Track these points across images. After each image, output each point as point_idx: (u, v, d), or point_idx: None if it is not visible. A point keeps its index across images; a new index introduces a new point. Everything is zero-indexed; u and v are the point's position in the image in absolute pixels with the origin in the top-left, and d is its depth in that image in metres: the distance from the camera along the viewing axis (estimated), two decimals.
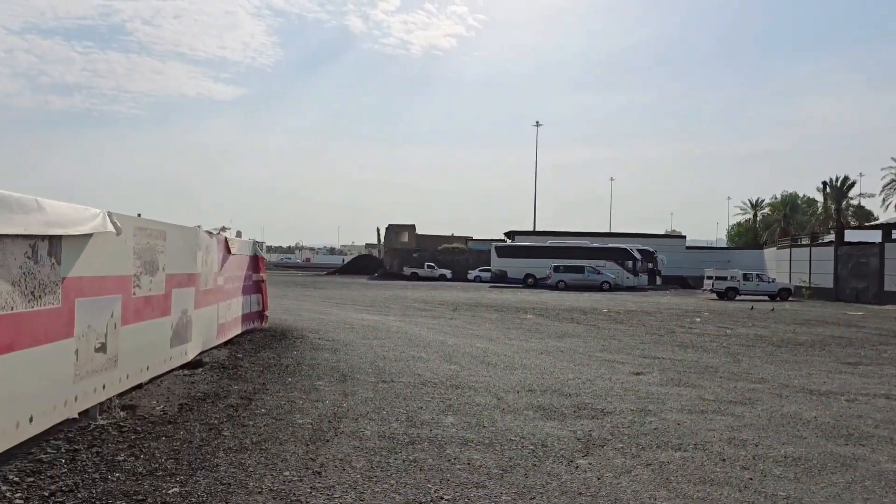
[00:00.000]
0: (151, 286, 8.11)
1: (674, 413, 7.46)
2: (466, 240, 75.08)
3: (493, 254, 55.80)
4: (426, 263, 65.35)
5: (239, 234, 13.24)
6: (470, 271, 62.60)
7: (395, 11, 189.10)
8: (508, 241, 65.80)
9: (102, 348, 6.81)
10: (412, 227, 74.44)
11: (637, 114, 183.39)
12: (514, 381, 9.34)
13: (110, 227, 6.43)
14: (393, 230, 73.88)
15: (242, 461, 5.28)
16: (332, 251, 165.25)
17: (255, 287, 14.95)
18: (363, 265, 76.63)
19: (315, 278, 59.38)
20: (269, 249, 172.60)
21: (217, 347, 11.47)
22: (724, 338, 16.41)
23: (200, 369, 9.38)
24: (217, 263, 11.49)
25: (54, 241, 5.77)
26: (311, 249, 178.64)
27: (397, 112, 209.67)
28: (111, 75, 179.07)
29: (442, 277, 63.28)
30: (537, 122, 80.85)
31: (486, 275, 57.83)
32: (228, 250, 12.47)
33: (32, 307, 5.34)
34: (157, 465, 5.12)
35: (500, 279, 54.07)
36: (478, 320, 19.77)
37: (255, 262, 15.14)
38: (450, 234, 78.59)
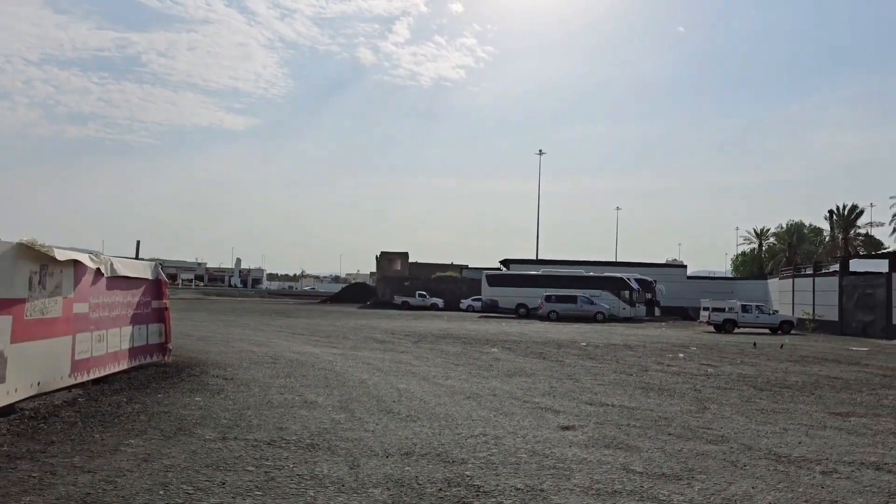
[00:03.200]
0: None
1: (573, 496, 5.40)
2: (461, 268, 73.01)
3: (484, 282, 53.69)
4: (418, 292, 63.37)
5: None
6: (463, 301, 60.53)
7: (404, 44, 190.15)
8: (504, 270, 63.81)
9: None
10: (405, 254, 72.55)
11: (645, 144, 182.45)
12: (398, 438, 7.31)
13: None
14: (385, 258, 72.00)
15: None
16: (336, 279, 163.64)
17: (154, 316, 13.00)
18: (356, 293, 74.70)
19: (302, 307, 57.46)
20: (272, 277, 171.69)
21: (73, 387, 9.52)
22: (701, 378, 14.28)
23: (3, 419, 7.39)
24: (71, 287, 9.57)
25: None
26: (317, 278, 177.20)
27: (406, 142, 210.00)
28: (126, 105, 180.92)
29: (434, 307, 61.23)
30: (540, 151, 79.54)
31: (479, 304, 55.70)
32: (99, 273, 10.58)
33: None
34: None
35: (492, 309, 51.92)
36: (432, 354, 17.72)
37: (157, 287, 13.22)
38: (446, 263, 76.58)
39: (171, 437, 6.90)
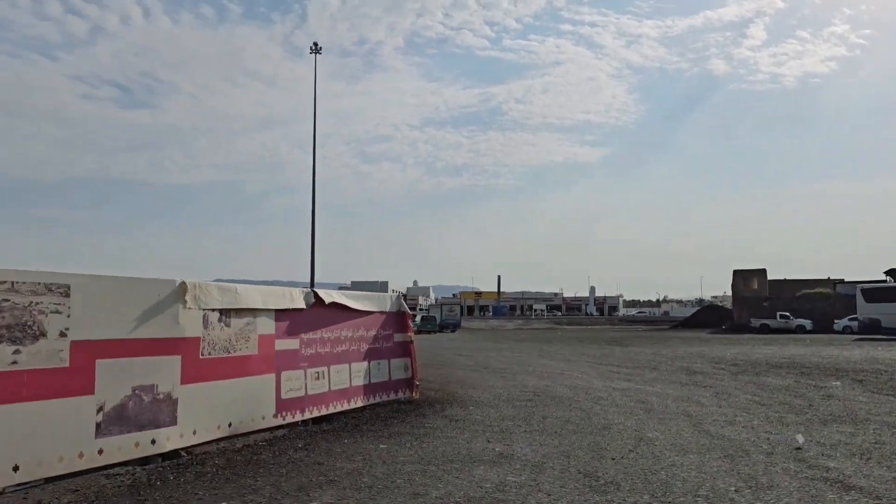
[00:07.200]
0: (27, 358, 6.14)
1: None
2: (835, 283, 62.46)
3: (859, 298, 44.64)
4: (779, 313, 55.61)
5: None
6: (836, 321, 51.30)
7: (761, 46, 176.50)
8: (890, 281, 52.78)
9: None
10: (762, 271, 64.59)
11: None
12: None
13: None
14: (739, 276, 64.91)
15: None
16: (700, 303, 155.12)
17: (397, 350, 12.45)
18: (709, 317, 68.84)
19: (645, 334, 54.44)
20: (631, 304, 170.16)
21: (280, 428, 9.19)
22: None
23: (152, 465, 7.07)
24: (271, 323, 9.29)
25: None
26: (680, 302, 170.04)
27: (770, 150, 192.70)
28: (491, 153, 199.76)
29: (799, 329, 53.06)
30: None
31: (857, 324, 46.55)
32: (315, 307, 10.25)
33: None
34: None
35: (871, 329, 42.77)
36: (744, 390, 14.21)
37: (400, 320, 12.68)
38: (815, 279, 66.34)
39: (273, 500, 5.78)
